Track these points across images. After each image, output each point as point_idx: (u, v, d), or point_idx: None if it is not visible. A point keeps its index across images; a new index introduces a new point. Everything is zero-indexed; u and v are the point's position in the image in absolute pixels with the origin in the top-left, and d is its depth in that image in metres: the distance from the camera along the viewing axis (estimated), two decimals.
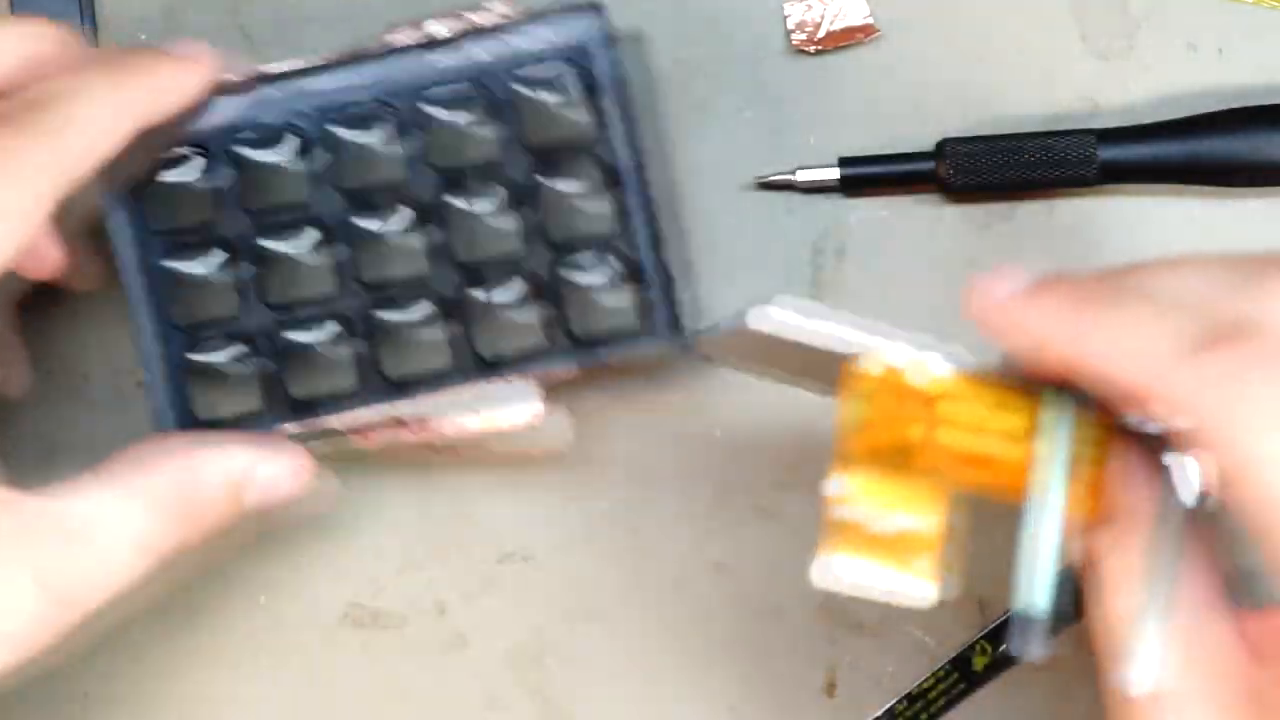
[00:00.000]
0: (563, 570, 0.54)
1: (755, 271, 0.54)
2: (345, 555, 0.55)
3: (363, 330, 0.51)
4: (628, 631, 0.54)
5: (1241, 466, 0.38)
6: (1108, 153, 0.53)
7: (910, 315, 0.54)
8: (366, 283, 0.51)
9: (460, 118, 0.51)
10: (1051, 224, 0.54)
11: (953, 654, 0.53)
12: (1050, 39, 0.55)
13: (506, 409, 0.50)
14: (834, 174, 0.53)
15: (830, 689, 0.54)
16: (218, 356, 0.51)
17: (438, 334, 0.51)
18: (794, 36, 0.54)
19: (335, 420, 0.51)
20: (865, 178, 0.53)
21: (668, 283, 0.51)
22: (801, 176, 0.54)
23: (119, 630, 0.54)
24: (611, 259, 0.51)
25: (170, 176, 0.51)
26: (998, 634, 0.53)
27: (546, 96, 0.51)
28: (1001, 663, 0.53)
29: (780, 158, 0.54)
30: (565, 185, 0.51)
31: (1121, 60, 0.55)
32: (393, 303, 0.51)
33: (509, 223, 0.51)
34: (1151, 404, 0.40)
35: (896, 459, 0.43)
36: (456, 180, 0.51)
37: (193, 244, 0.51)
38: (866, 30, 0.54)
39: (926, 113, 0.54)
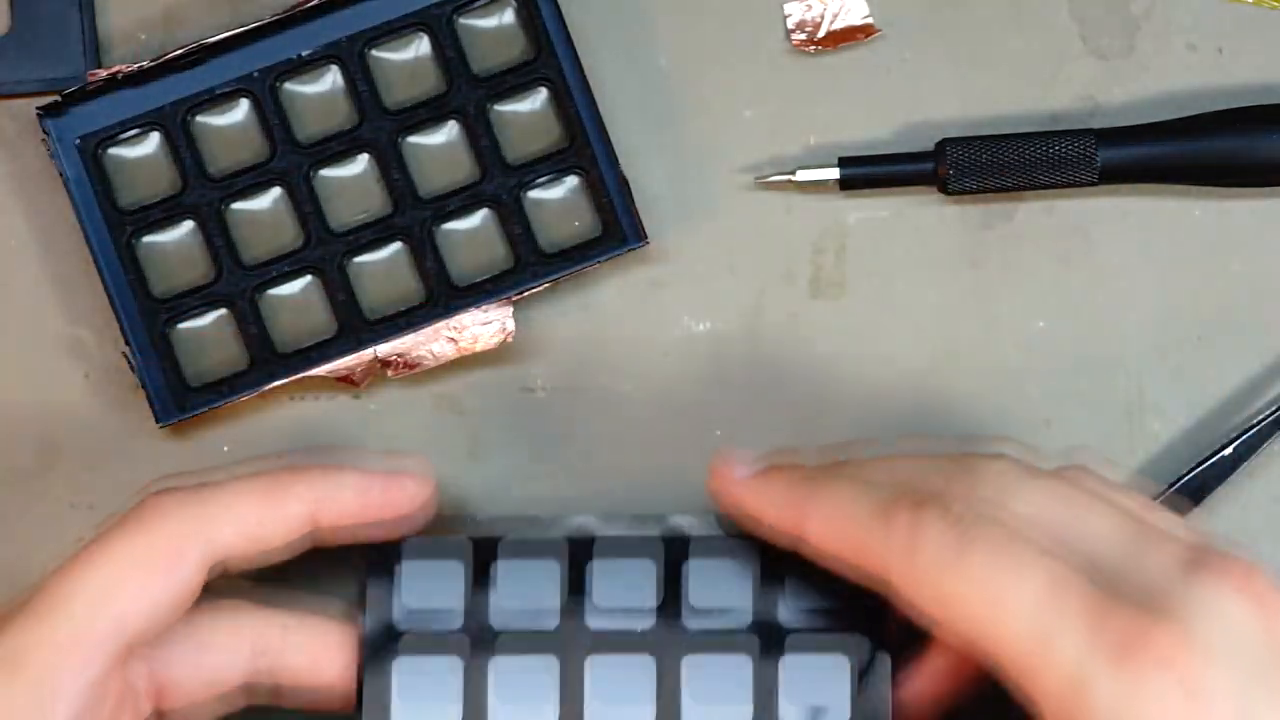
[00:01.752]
0: None
1: (755, 272, 0.54)
2: None
3: (338, 278, 0.53)
4: None
5: (930, 603, 0.45)
6: (1107, 153, 0.53)
7: (910, 315, 0.54)
8: (335, 231, 0.53)
9: (406, 56, 0.53)
10: (1051, 224, 0.54)
11: None
12: (1050, 39, 0.55)
13: (482, 331, 0.53)
14: (834, 174, 0.53)
15: None
16: (200, 323, 0.53)
17: (410, 272, 0.53)
18: (794, 36, 0.54)
19: (322, 370, 0.53)
20: (865, 178, 0.53)
21: (625, 189, 0.53)
22: (801, 176, 0.54)
23: None
24: (570, 175, 0.53)
25: (131, 153, 0.53)
26: None
27: (487, 23, 0.53)
28: None
29: (780, 158, 0.54)
30: (516, 109, 0.53)
31: (1121, 60, 0.55)
32: (363, 247, 0.53)
33: (466, 153, 0.53)
34: (860, 565, 0.46)
35: None
36: (410, 120, 0.53)
37: (161, 218, 0.53)
38: (866, 30, 0.54)
39: (926, 113, 0.54)
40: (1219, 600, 0.43)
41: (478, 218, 0.53)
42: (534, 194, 0.53)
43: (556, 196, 0.53)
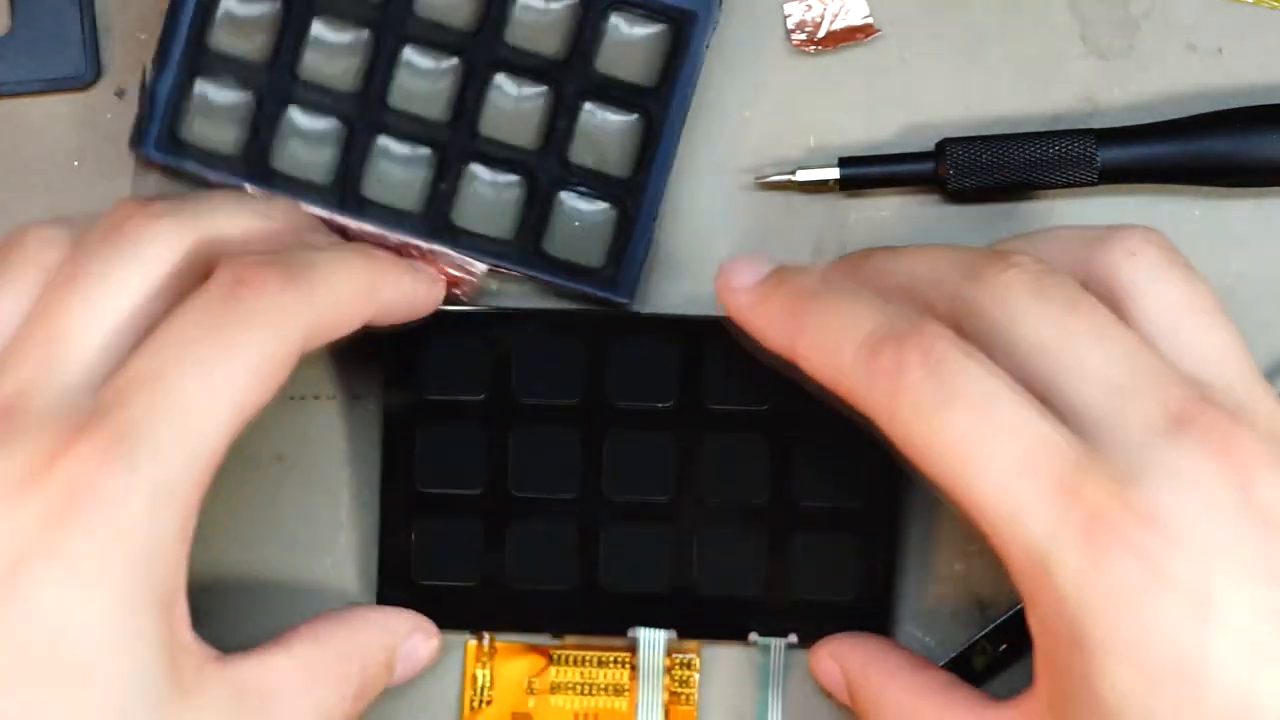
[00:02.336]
0: None
1: None
2: None
3: (357, 141, 0.52)
4: None
5: (909, 450, 0.44)
6: (1107, 153, 0.53)
7: None
8: (383, 102, 0.52)
9: (551, 5, 0.52)
10: (1052, 224, 0.54)
11: (953, 654, 0.53)
12: (1050, 39, 0.55)
13: (454, 272, 0.52)
14: (834, 174, 0.53)
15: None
16: (220, 94, 0.53)
17: (421, 180, 0.52)
18: (794, 36, 0.54)
19: (310, 208, 0.52)
20: (865, 178, 0.53)
21: (646, 248, 0.52)
22: (802, 176, 0.54)
23: None
24: (610, 202, 0.52)
25: None
26: (998, 634, 0.53)
27: (632, 29, 0.52)
28: (1001, 663, 0.53)
29: (781, 159, 0.54)
30: (606, 117, 0.52)
31: (1121, 60, 0.55)
32: (396, 132, 0.52)
33: (538, 122, 0.52)
34: (845, 398, 0.45)
35: None
36: (512, 62, 0.52)
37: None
38: (866, 30, 0.54)
39: (927, 113, 0.54)
40: (1194, 467, 0.42)
41: (509, 179, 0.53)
42: (567, 195, 0.53)
43: (585, 209, 0.53)
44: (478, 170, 0.53)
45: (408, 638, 0.51)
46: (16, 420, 0.43)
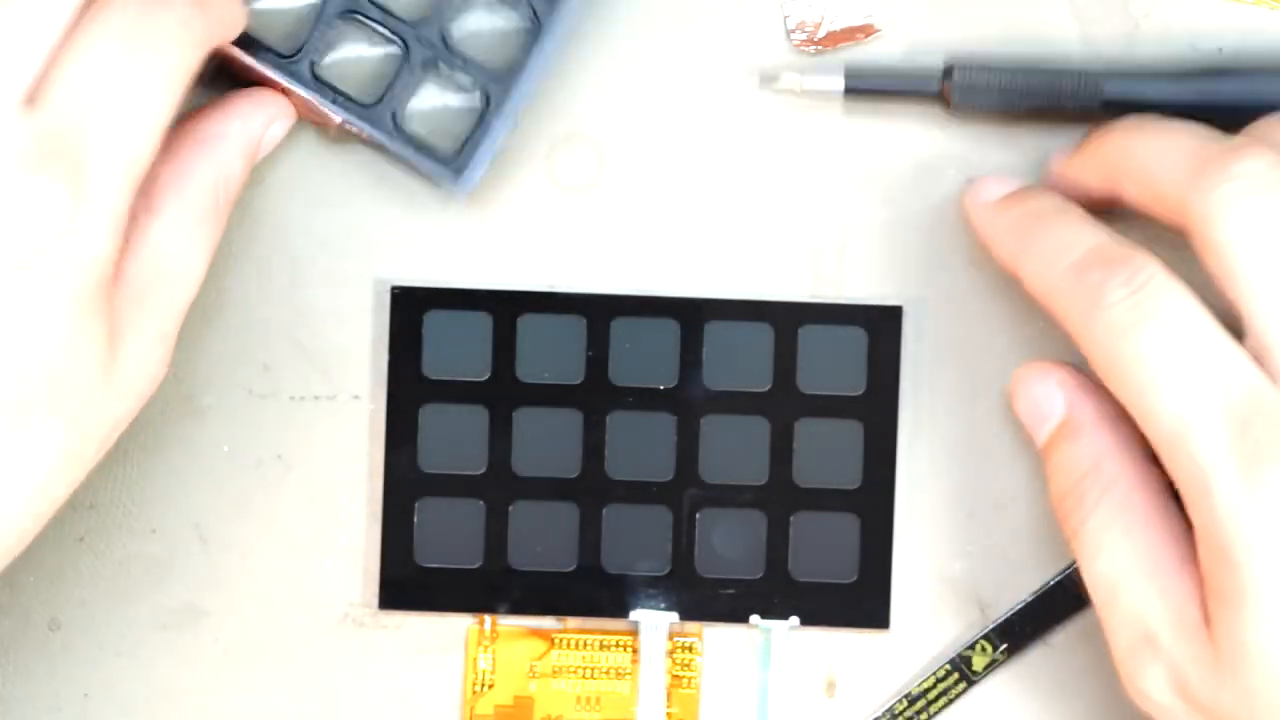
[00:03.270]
0: None
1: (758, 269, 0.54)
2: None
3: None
4: None
5: (1099, 368, 0.47)
6: (1113, 87, 0.52)
7: None
8: None
9: None
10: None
11: (953, 654, 0.53)
12: (1050, 38, 0.54)
13: (318, 106, 0.52)
14: (839, 83, 0.53)
15: (830, 689, 0.54)
16: None
17: (299, 26, 0.52)
18: (794, 36, 0.54)
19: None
20: (870, 88, 0.53)
21: (495, 141, 0.52)
22: (807, 85, 0.53)
23: (121, 629, 0.54)
24: (477, 89, 0.52)
25: None
26: (998, 634, 0.53)
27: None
28: (1001, 663, 0.53)
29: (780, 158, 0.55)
30: (495, 6, 0.53)
31: (1122, 60, 0.55)
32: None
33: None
34: (1054, 315, 0.48)
35: (517, 715, 0.53)
36: None
37: None
38: (866, 30, 0.54)
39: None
40: None
41: (385, 48, 0.52)
42: (437, 74, 0.53)
43: (452, 93, 0.53)
44: (351, 29, 0.53)
45: (271, 126, 0.52)
46: None
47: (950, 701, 0.54)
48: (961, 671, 0.53)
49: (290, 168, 0.54)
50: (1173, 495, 0.48)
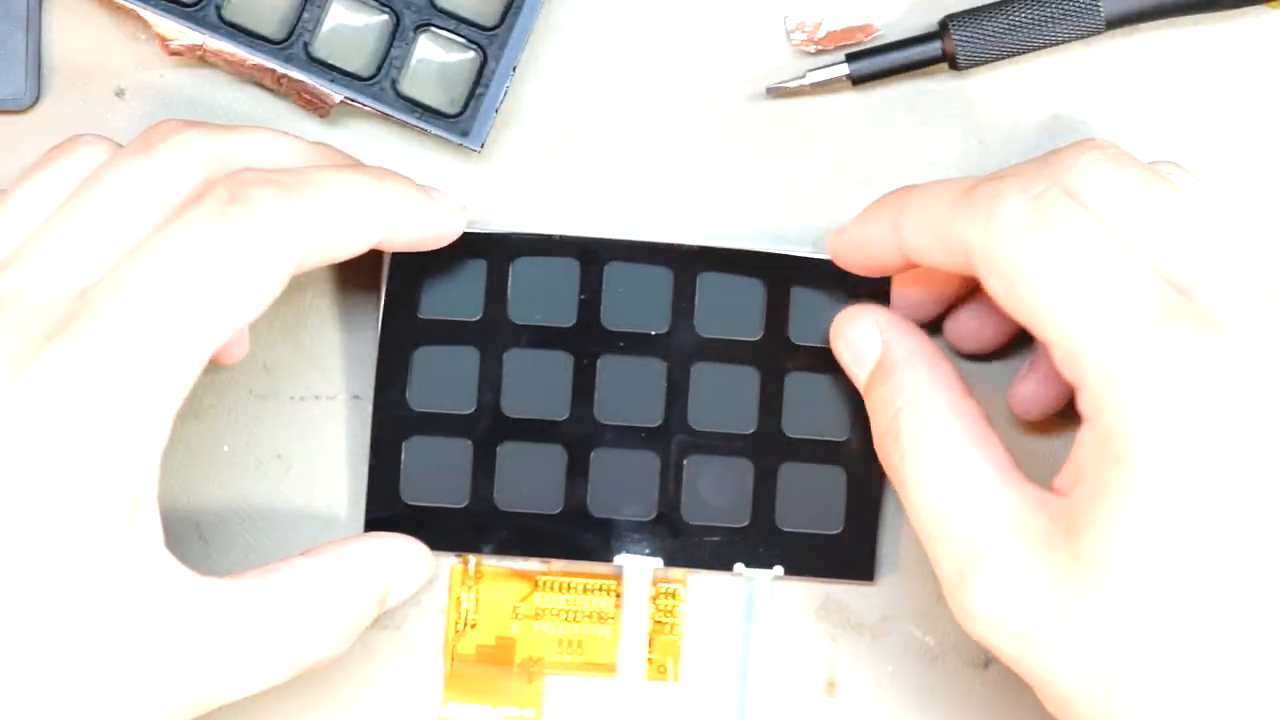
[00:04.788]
0: None
1: None
2: None
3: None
4: None
5: (1000, 273, 0.45)
6: (1112, 4, 0.53)
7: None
8: None
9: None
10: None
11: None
12: None
13: (315, 88, 0.53)
14: (843, 70, 0.53)
15: (830, 689, 0.54)
16: None
17: (284, 7, 0.53)
18: (794, 36, 0.54)
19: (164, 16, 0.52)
20: (875, 69, 0.53)
21: (497, 96, 0.53)
22: (811, 78, 0.53)
23: None
24: (473, 50, 0.53)
25: None
26: None
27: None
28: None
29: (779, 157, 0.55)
30: None
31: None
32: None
33: None
34: (945, 247, 0.47)
35: (499, 655, 0.53)
36: None
37: None
38: (866, 30, 0.54)
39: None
40: None
41: (374, 17, 0.53)
42: (428, 40, 0.53)
43: (446, 59, 0.53)
44: (339, 4, 0.53)
45: (401, 570, 0.51)
46: (7, 313, 0.45)
47: None
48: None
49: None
50: (990, 426, 0.47)
